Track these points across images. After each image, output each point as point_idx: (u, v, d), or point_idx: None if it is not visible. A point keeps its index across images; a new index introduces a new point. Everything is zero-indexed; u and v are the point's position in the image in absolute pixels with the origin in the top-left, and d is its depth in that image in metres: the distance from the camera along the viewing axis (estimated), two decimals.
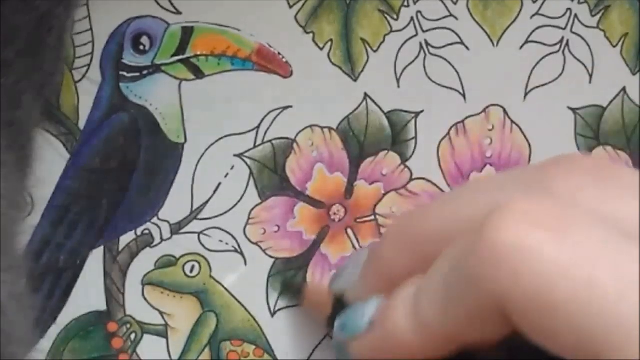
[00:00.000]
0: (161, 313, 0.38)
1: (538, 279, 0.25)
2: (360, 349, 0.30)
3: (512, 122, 0.39)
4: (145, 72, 0.38)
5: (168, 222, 0.38)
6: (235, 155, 0.38)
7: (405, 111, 0.39)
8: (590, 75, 0.39)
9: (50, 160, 0.37)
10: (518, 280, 0.25)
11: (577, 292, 0.24)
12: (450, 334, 0.27)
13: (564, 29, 0.39)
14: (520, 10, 0.39)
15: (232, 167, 0.38)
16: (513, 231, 0.25)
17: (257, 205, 0.38)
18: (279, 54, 0.38)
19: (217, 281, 0.38)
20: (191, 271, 0.38)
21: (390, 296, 0.30)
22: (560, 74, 0.39)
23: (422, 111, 0.39)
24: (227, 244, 0.38)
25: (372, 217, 0.39)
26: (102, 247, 0.38)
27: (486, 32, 0.39)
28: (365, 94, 0.39)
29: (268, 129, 0.38)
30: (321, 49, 0.39)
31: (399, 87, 0.39)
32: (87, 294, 0.38)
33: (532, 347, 0.26)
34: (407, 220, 0.31)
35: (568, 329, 0.24)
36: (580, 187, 0.27)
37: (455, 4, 0.39)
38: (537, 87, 0.39)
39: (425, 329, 0.28)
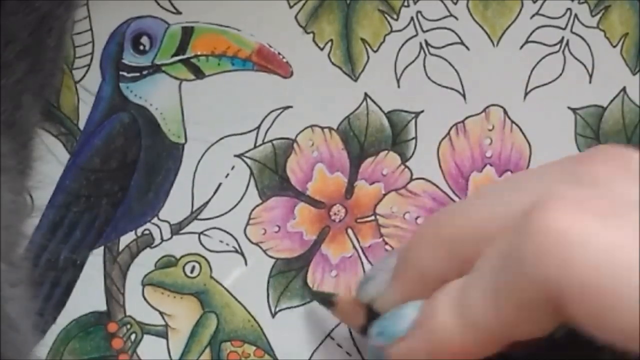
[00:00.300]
0: (161, 313, 0.38)
1: (589, 265, 0.24)
2: (402, 352, 0.30)
3: (512, 122, 0.39)
4: (145, 72, 0.38)
5: (168, 222, 0.38)
6: (235, 156, 0.38)
7: (406, 111, 0.39)
8: (590, 75, 0.39)
9: (50, 160, 0.37)
10: (572, 267, 0.25)
11: (630, 278, 0.24)
12: (501, 331, 0.27)
13: (564, 29, 0.39)
14: (520, 10, 0.39)
15: (233, 168, 0.38)
16: (562, 218, 0.25)
17: (257, 206, 0.38)
18: (279, 54, 0.38)
19: (218, 282, 0.38)
20: (191, 271, 0.38)
21: (431, 298, 0.29)
22: (560, 74, 0.39)
23: (422, 111, 0.39)
24: (227, 244, 0.38)
25: (373, 217, 0.39)
26: (102, 248, 0.38)
27: (486, 32, 0.39)
28: (366, 94, 0.39)
29: (268, 129, 0.38)
30: (321, 49, 0.39)
31: (399, 87, 0.39)
32: (87, 295, 0.38)
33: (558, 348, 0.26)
34: (441, 221, 0.31)
35: (619, 314, 0.24)
36: (614, 175, 0.27)
37: (455, 4, 0.39)
38: (537, 87, 0.39)
39: (473, 327, 0.27)
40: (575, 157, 0.29)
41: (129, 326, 0.38)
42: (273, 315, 0.38)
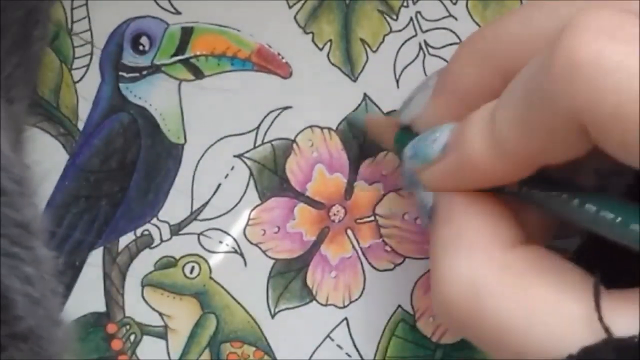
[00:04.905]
0: (161, 314, 0.38)
1: (618, 92, 0.24)
2: (434, 176, 0.29)
3: None
4: (144, 72, 0.38)
5: (168, 222, 0.38)
6: (235, 156, 0.38)
7: None
8: None
9: (50, 161, 0.37)
10: (597, 93, 0.24)
11: None
12: (529, 153, 0.27)
13: None
14: None
15: (232, 168, 0.38)
16: (590, 45, 0.24)
17: (257, 206, 0.38)
18: (279, 54, 0.38)
19: (217, 282, 0.38)
20: (191, 272, 0.38)
21: (463, 121, 0.28)
22: None
23: None
24: (227, 245, 0.38)
25: (372, 218, 0.39)
26: (101, 248, 0.38)
27: None
28: (365, 95, 0.39)
29: (268, 129, 0.38)
30: (320, 49, 0.39)
31: (398, 87, 0.39)
32: (87, 295, 0.37)
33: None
34: (481, 35, 0.30)
35: None
36: None
37: (454, 4, 0.39)
38: None
39: (503, 150, 0.27)
40: None
41: (128, 327, 0.38)
42: (272, 316, 0.38)
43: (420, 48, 0.39)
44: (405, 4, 0.39)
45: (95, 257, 0.38)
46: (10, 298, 0.25)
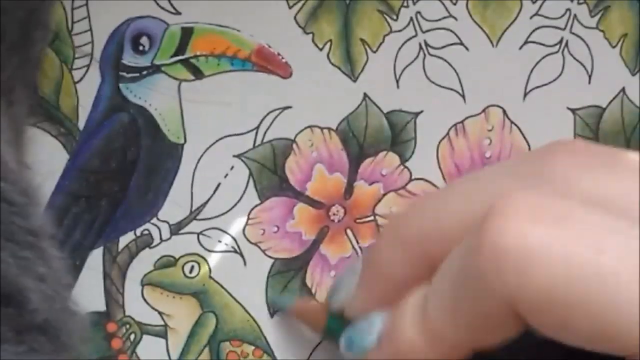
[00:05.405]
0: (160, 313, 0.38)
1: (548, 276, 0.24)
2: None
3: (512, 122, 0.39)
4: (144, 72, 0.38)
5: (167, 222, 0.38)
6: (234, 156, 0.38)
7: (405, 111, 0.39)
8: (590, 76, 0.39)
9: (50, 161, 0.37)
10: (527, 279, 0.24)
11: (589, 284, 0.23)
12: (463, 341, 0.27)
13: (564, 29, 0.39)
14: (520, 10, 0.39)
15: (232, 168, 0.38)
16: (514, 230, 0.24)
17: (256, 206, 0.38)
18: (279, 54, 0.38)
19: (217, 282, 0.38)
20: (190, 272, 0.38)
21: (394, 307, 0.29)
22: (560, 75, 0.39)
23: (421, 111, 0.39)
24: (226, 244, 0.38)
25: (372, 218, 0.39)
26: (101, 248, 0.38)
27: (485, 33, 0.39)
28: (365, 95, 0.39)
29: (267, 129, 0.38)
30: (321, 49, 0.39)
31: (398, 87, 0.39)
32: (87, 295, 0.38)
33: (536, 344, 0.26)
34: (402, 220, 0.30)
35: (585, 321, 0.24)
36: (574, 171, 0.26)
37: (454, 4, 0.39)
38: (537, 87, 0.39)
39: (436, 339, 0.27)
40: (535, 152, 0.27)
41: (128, 326, 0.38)
42: (272, 315, 0.38)
43: (420, 48, 0.39)
44: (405, 4, 0.39)
45: (95, 257, 0.38)
46: (25, 296, 0.26)
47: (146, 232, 0.38)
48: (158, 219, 0.38)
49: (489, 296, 0.25)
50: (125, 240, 0.38)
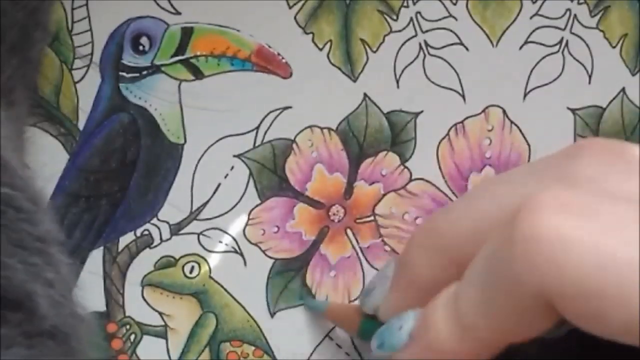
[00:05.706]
0: (161, 314, 0.38)
1: (580, 266, 0.24)
2: None
3: (512, 122, 0.39)
4: (144, 72, 0.38)
5: (167, 222, 0.38)
6: (234, 156, 0.38)
7: (405, 112, 0.39)
8: (590, 76, 0.39)
9: (50, 161, 0.37)
10: (562, 270, 0.24)
11: (620, 273, 0.24)
12: (496, 335, 0.27)
13: (564, 29, 0.39)
14: (520, 10, 0.39)
15: (232, 168, 0.38)
16: (549, 222, 0.25)
17: (256, 206, 0.38)
18: (279, 54, 0.38)
19: (217, 282, 0.38)
20: (191, 272, 0.38)
21: (426, 307, 0.29)
22: (560, 75, 0.39)
23: (421, 112, 0.39)
24: (226, 244, 0.38)
25: (372, 218, 0.39)
26: (101, 248, 0.38)
27: (485, 33, 0.39)
28: (365, 95, 0.39)
29: (267, 129, 0.38)
30: (321, 49, 0.39)
31: (398, 87, 0.39)
32: (87, 295, 0.37)
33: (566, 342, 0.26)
34: (433, 224, 0.31)
35: (618, 310, 0.24)
36: (600, 171, 0.27)
37: (454, 4, 0.39)
38: (537, 87, 0.39)
39: (469, 334, 0.27)
40: (561, 153, 0.28)
41: (128, 326, 0.38)
42: (272, 316, 0.38)
43: (420, 48, 0.39)
44: (405, 4, 0.39)
45: (95, 257, 0.38)
46: (34, 301, 0.27)
47: (146, 232, 0.38)
48: (158, 219, 0.38)
49: (522, 288, 0.25)
50: (125, 240, 0.38)
